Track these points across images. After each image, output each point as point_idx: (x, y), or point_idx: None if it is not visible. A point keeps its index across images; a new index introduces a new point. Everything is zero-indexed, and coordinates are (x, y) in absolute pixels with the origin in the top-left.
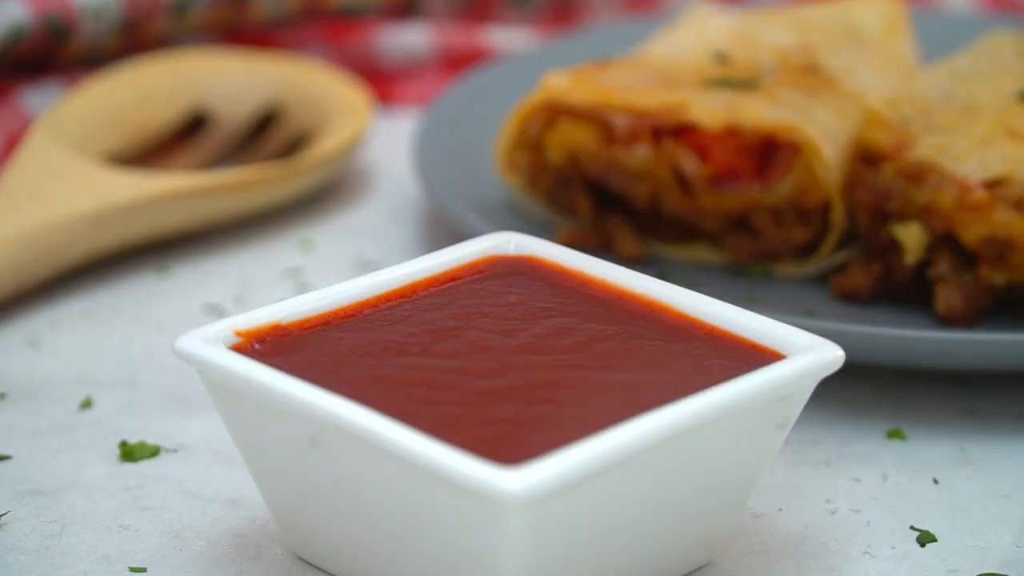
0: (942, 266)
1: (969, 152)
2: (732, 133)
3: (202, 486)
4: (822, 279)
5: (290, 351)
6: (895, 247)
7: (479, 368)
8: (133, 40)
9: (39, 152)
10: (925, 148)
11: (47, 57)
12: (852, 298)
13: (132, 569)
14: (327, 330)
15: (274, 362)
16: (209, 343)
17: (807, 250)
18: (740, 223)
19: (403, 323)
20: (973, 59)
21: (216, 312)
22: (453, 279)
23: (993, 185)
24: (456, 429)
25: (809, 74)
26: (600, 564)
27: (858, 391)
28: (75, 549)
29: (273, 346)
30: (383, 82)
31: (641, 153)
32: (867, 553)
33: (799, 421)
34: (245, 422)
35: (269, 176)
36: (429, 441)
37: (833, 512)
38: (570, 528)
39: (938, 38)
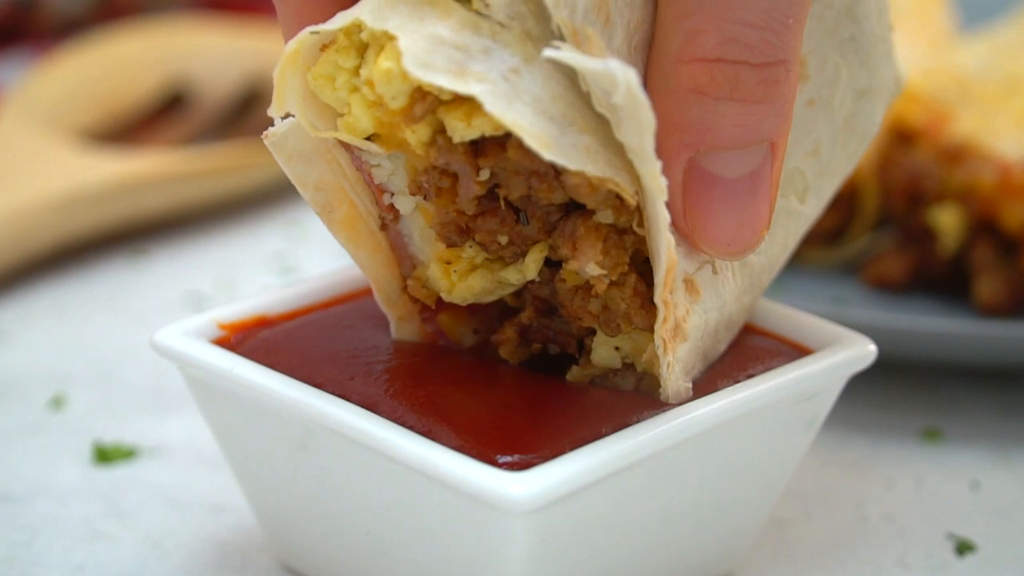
0: (981, 253)
1: (1010, 128)
2: None
3: (183, 491)
4: (852, 267)
5: (277, 346)
6: (931, 232)
7: (481, 366)
8: (107, 9)
9: (6, 131)
10: (963, 125)
11: (15, 28)
12: (885, 287)
13: None
14: (317, 323)
15: (260, 358)
16: (190, 337)
17: (836, 235)
18: None
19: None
20: (1017, 30)
21: (197, 302)
22: None
23: None
24: (457, 430)
25: None
26: (611, 574)
27: (891, 388)
28: (46, 559)
29: (259, 340)
30: None
31: None
32: (901, 563)
33: (828, 420)
34: (229, 422)
35: (253, 156)
36: (428, 443)
37: (864, 518)
38: (578, 535)
39: (978, 5)
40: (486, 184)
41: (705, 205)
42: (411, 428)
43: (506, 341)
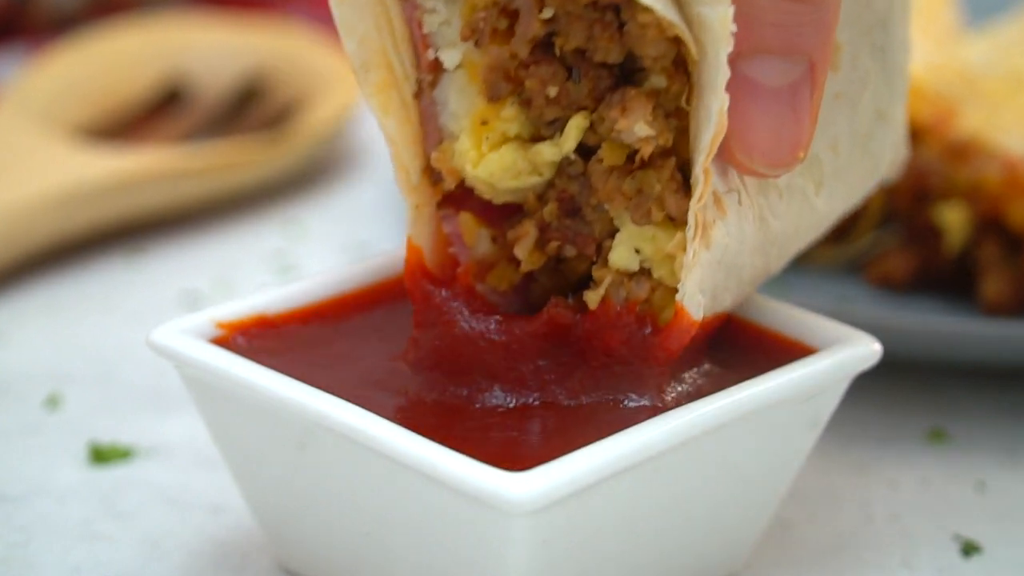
0: (987, 251)
1: (1016, 125)
2: None
3: (181, 491)
4: (856, 265)
5: (276, 345)
6: (936, 230)
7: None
8: (104, 5)
9: (1, 128)
10: (969, 121)
11: (10, 23)
12: (889, 286)
13: None
14: (316, 321)
15: (259, 357)
16: (187, 336)
17: (840, 233)
18: None
19: (397, 313)
20: (1021, 27)
21: (195, 301)
22: None
23: None
24: (457, 431)
25: None
26: None
27: (896, 388)
28: (43, 560)
29: (257, 339)
30: None
31: None
32: (906, 565)
33: (832, 421)
34: (227, 422)
35: (252, 153)
36: (428, 443)
37: (869, 520)
38: (579, 538)
39: (984, 1)
40: (546, 25)
41: (744, 109)
42: (408, 427)
43: (524, 236)
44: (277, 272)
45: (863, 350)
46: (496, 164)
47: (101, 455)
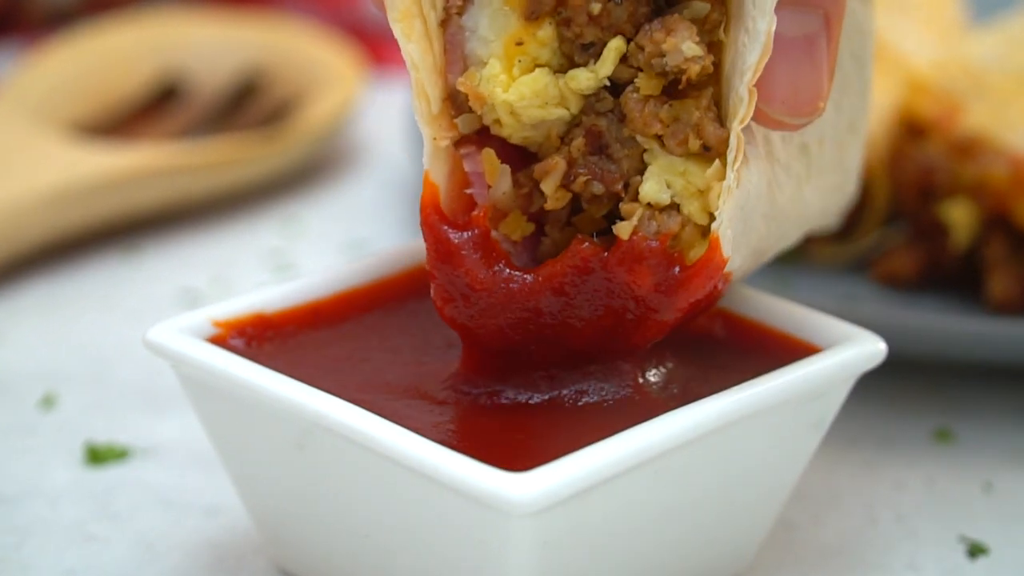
0: (994, 249)
1: (1023, 121)
2: None
3: (177, 492)
4: (862, 263)
5: (274, 344)
6: (942, 228)
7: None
8: (99, 0)
9: None
10: (975, 118)
11: (5, 19)
12: (895, 284)
13: None
14: (314, 320)
15: (257, 356)
16: (184, 335)
17: (845, 231)
18: None
19: (395, 316)
20: None
21: (192, 299)
22: None
23: None
24: (457, 431)
25: None
26: None
27: (902, 388)
28: (36, 562)
29: (255, 338)
30: (375, 45)
31: None
32: (911, 566)
33: (837, 421)
34: (224, 422)
35: (249, 149)
36: (427, 443)
37: (874, 521)
38: (581, 539)
39: None
40: None
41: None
42: (407, 427)
43: (553, 169)
44: (275, 270)
45: (868, 349)
46: (528, 87)
47: (96, 455)
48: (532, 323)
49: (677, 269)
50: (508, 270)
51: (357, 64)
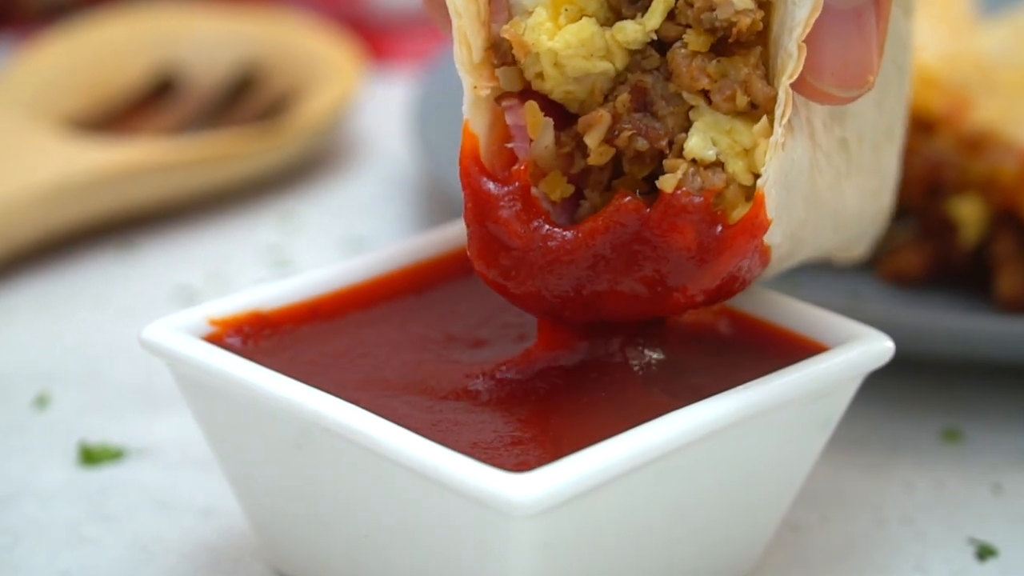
0: (1004, 246)
1: None
2: None
3: (172, 493)
4: (869, 261)
5: (271, 342)
6: (951, 224)
7: (482, 364)
8: None
9: None
10: (984, 112)
11: None
12: (903, 282)
13: None
14: (312, 319)
15: (254, 355)
16: (180, 333)
17: None
18: None
19: (395, 314)
20: None
21: (188, 297)
22: (453, 262)
23: None
24: (456, 433)
25: None
26: None
27: (910, 387)
28: (29, 564)
29: (252, 336)
30: (375, 38)
31: None
32: (919, 569)
33: (843, 421)
34: (220, 421)
35: (246, 144)
36: (428, 443)
37: (881, 522)
38: (583, 540)
39: None
40: None
41: (811, 31)
42: (406, 427)
43: (598, 122)
44: (273, 267)
45: (875, 348)
46: (574, 35)
47: (90, 456)
48: (569, 283)
49: (719, 228)
50: (547, 226)
51: (356, 58)
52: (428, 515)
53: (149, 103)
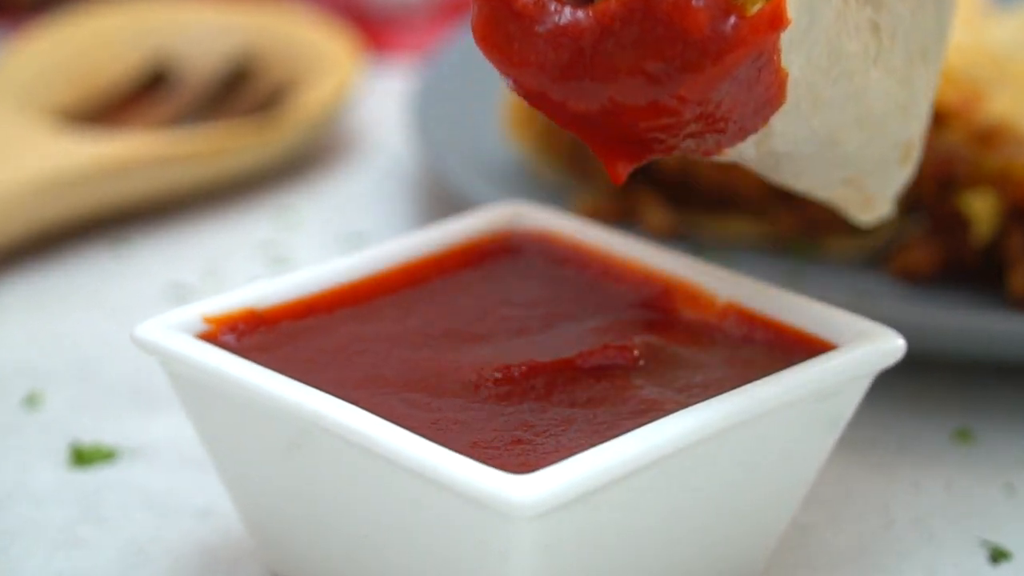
0: (1017, 241)
1: None
2: None
3: (166, 495)
4: (879, 257)
5: (267, 341)
6: (963, 220)
7: (482, 364)
8: None
9: None
10: (997, 105)
11: None
12: (913, 279)
13: None
14: (308, 317)
15: (249, 353)
16: (173, 331)
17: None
18: (784, 190)
19: (394, 310)
20: None
21: (182, 294)
22: (453, 257)
23: None
24: (456, 432)
25: None
26: None
27: (920, 386)
28: (22, 566)
29: (248, 335)
30: (373, 30)
31: None
32: (930, 571)
33: (853, 420)
34: (215, 421)
35: (241, 138)
36: (427, 443)
37: (891, 524)
38: (585, 542)
39: None
40: None
41: None
42: (405, 427)
43: None
44: (268, 264)
45: (885, 346)
46: None
47: (83, 456)
48: (574, 64)
49: (734, 19)
50: (556, 3)
51: (354, 49)
52: (428, 516)
53: (142, 95)
